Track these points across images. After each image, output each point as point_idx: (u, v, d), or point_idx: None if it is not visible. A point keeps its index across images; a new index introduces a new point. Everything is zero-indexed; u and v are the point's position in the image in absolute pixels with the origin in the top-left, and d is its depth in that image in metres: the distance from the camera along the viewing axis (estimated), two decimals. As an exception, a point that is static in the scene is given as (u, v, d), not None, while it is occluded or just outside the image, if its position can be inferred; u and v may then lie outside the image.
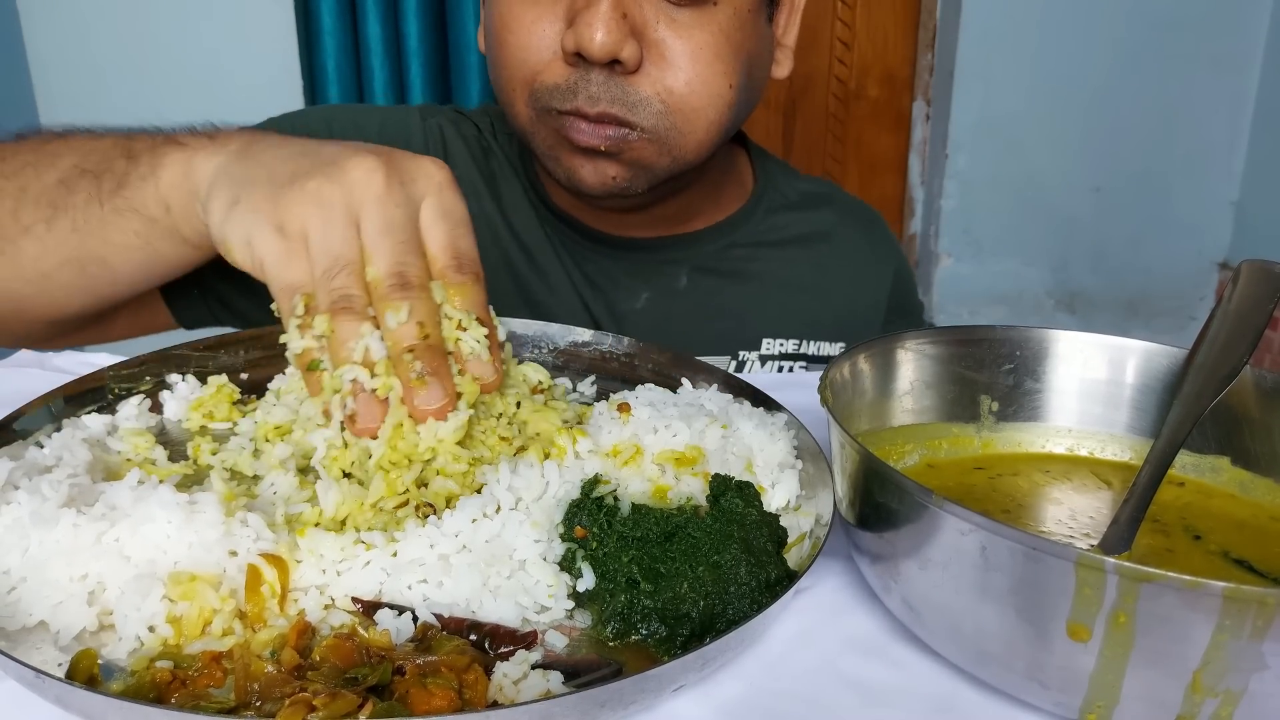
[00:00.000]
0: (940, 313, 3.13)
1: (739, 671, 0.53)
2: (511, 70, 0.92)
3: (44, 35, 2.48)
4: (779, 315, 1.11)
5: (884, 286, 1.18)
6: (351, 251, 0.62)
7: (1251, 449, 0.66)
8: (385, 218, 0.63)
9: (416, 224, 0.65)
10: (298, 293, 0.62)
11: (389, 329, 0.61)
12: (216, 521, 0.53)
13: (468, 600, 0.54)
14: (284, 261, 0.63)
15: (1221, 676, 0.43)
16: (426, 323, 0.61)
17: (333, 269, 0.61)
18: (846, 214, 1.20)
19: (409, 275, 0.62)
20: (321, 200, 0.62)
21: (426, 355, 0.60)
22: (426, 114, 1.11)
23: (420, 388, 0.60)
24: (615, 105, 0.88)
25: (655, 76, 0.88)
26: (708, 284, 1.09)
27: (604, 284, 1.07)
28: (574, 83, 0.88)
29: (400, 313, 0.60)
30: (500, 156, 1.09)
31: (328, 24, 2.52)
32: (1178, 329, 3.18)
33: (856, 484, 0.57)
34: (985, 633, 0.49)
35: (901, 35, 3.03)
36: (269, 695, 0.46)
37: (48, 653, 0.49)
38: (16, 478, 0.57)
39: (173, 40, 2.52)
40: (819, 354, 1.12)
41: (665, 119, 0.90)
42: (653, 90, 0.89)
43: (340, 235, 0.62)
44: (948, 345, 0.72)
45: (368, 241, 0.62)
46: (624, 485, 0.61)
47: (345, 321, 0.61)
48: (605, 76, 0.87)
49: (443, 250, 0.65)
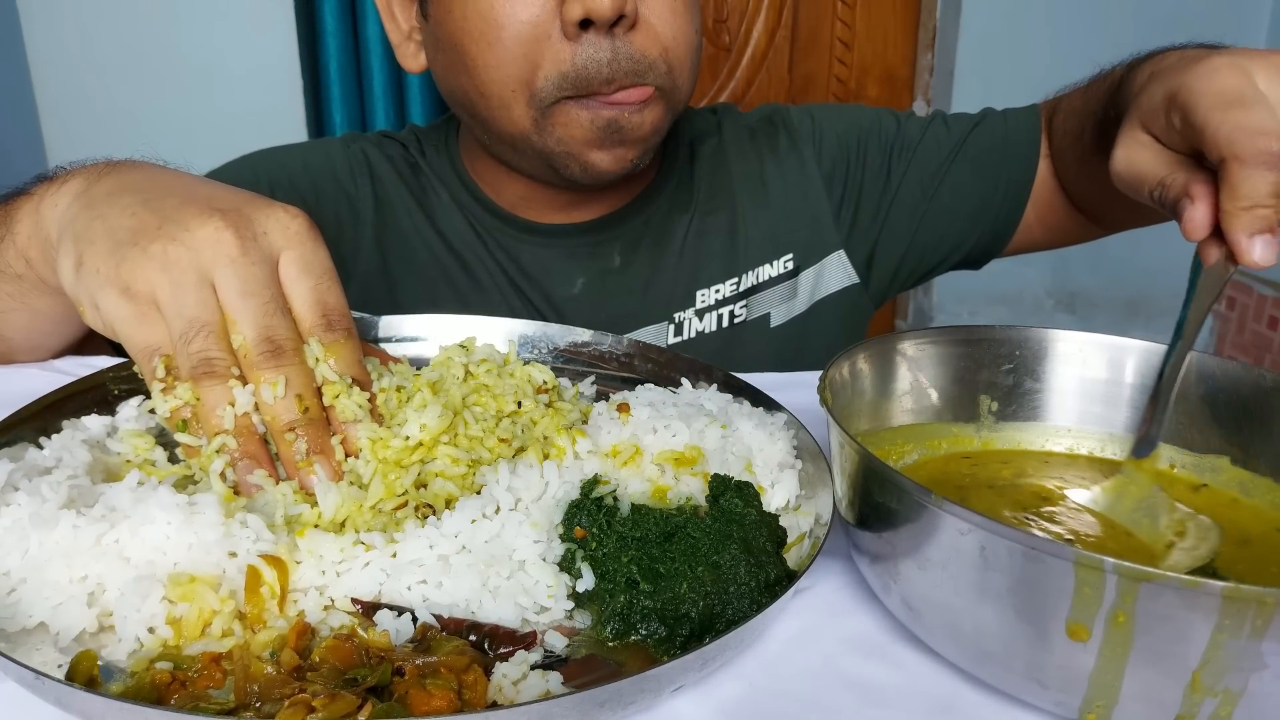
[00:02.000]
0: (940, 313, 3.13)
1: (738, 671, 0.53)
2: (507, 70, 0.88)
3: (44, 35, 2.48)
4: (707, 263, 1.09)
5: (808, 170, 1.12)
6: (207, 313, 0.60)
7: (1251, 448, 0.66)
8: (242, 279, 0.60)
9: (277, 280, 0.62)
10: (155, 354, 0.60)
11: (266, 403, 0.60)
12: (216, 523, 0.53)
13: (467, 601, 0.54)
14: (135, 325, 0.60)
15: (1221, 676, 0.43)
16: (304, 394, 0.60)
17: (188, 333, 0.59)
18: (735, 130, 1.16)
19: (279, 340, 0.60)
20: (168, 263, 0.60)
21: (309, 432, 0.60)
22: (349, 141, 1.12)
23: (307, 469, 0.60)
24: (628, 75, 0.87)
25: (652, 33, 0.89)
26: (639, 257, 1.08)
27: (539, 275, 1.07)
28: (583, 63, 0.86)
29: (277, 386, 0.59)
30: (428, 172, 1.10)
31: (328, 24, 2.52)
32: (1178, 329, 3.18)
33: (856, 484, 0.57)
34: (985, 632, 0.49)
35: (901, 35, 3.03)
36: (268, 696, 0.46)
37: (47, 654, 0.49)
38: (16, 479, 0.57)
39: (173, 40, 2.52)
40: (760, 281, 1.09)
41: (667, 76, 0.90)
42: (654, 47, 0.89)
43: (194, 299, 0.59)
44: (948, 345, 0.72)
45: (228, 306, 0.60)
46: (623, 485, 0.61)
47: (209, 388, 0.59)
48: (610, 44, 0.86)
49: (310, 308, 0.63)
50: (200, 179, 0.70)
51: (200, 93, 2.55)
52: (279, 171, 1.07)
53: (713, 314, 1.09)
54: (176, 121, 2.49)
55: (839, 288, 1.13)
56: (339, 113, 2.59)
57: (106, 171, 0.69)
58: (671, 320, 1.08)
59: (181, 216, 0.61)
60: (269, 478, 0.60)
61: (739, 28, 2.91)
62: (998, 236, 1.13)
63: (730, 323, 1.09)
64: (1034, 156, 1.09)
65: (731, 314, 1.09)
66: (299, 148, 1.14)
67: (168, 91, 2.54)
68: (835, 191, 1.13)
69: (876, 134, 1.14)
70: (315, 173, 1.08)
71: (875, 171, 1.13)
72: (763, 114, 1.19)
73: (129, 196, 0.65)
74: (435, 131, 1.14)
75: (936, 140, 1.12)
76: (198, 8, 2.51)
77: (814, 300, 1.12)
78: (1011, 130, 1.10)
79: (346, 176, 1.08)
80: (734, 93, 2.96)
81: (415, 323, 0.85)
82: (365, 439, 0.61)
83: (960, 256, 1.16)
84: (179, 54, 2.53)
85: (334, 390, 0.62)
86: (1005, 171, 1.09)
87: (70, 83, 2.51)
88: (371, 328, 0.84)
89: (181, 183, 0.67)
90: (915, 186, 1.12)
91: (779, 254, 1.10)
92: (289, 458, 0.60)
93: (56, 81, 2.52)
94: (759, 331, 1.10)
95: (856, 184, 1.13)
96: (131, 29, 2.50)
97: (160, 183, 0.67)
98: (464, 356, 0.75)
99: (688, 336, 1.08)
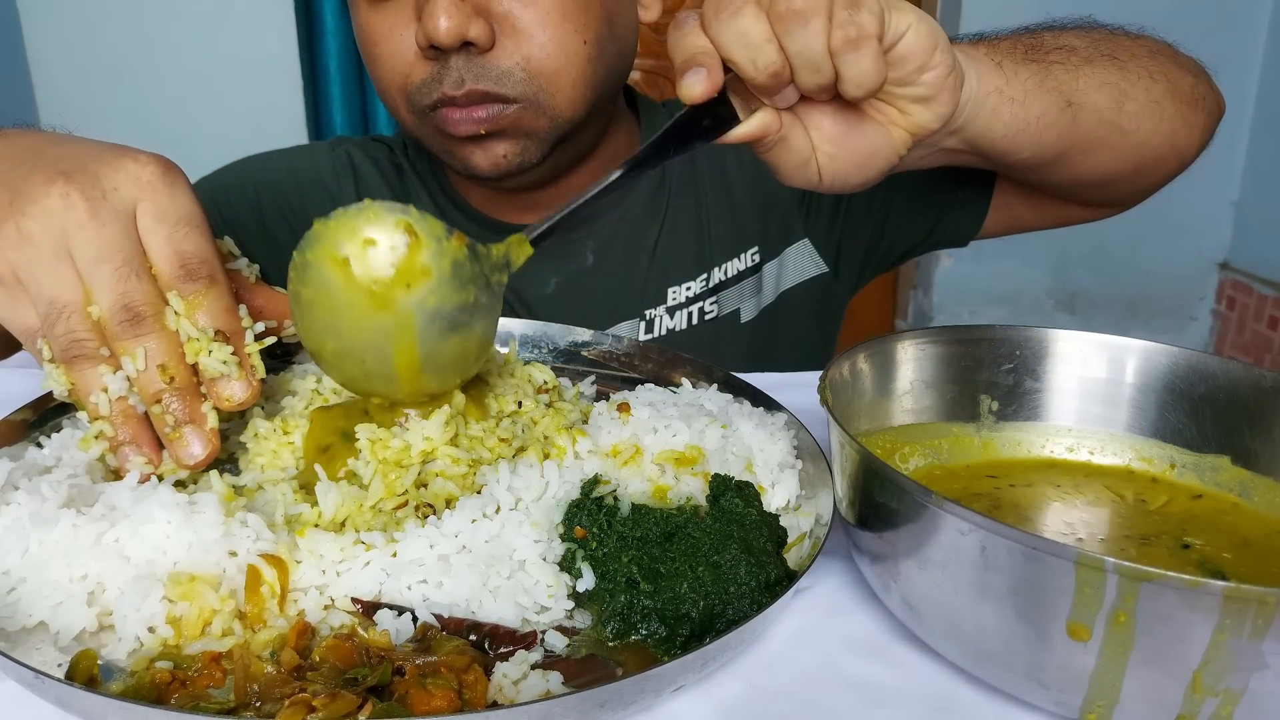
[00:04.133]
0: (940, 313, 3.13)
1: (738, 671, 0.53)
2: (386, 81, 0.94)
3: (44, 35, 2.48)
4: (678, 260, 1.09)
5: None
6: (67, 291, 0.58)
7: (1251, 448, 0.66)
8: (95, 243, 0.58)
9: (134, 236, 0.59)
10: (37, 336, 0.59)
11: (132, 377, 0.59)
12: (216, 522, 0.53)
13: (467, 601, 0.54)
14: (9, 308, 0.59)
15: (1222, 676, 0.43)
16: (168, 361, 0.59)
17: (52, 315, 0.58)
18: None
19: (135, 306, 0.58)
20: (22, 240, 0.58)
21: (177, 402, 0.59)
22: (336, 145, 1.14)
23: (179, 441, 0.59)
24: (481, 82, 0.89)
25: (511, 48, 0.90)
26: (612, 255, 1.09)
27: (513, 275, 1.07)
28: (437, 73, 0.90)
29: (138, 359, 0.58)
30: (411, 173, 1.12)
31: (328, 24, 2.52)
32: (1177, 329, 3.19)
33: (856, 484, 0.57)
34: (985, 632, 0.49)
35: (901, 35, 3.02)
36: (268, 696, 0.46)
37: (47, 653, 0.49)
38: (16, 478, 0.57)
39: (173, 40, 2.52)
40: (728, 277, 1.10)
41: (530, 85, 0.91)
42: (511, 61, 0.90)
43: (51, 275, 0.58)
44: (948, 345, 0.72)
45: (84, 274, 0.58)
46: (624, 485, 0.61)
47: (81, 371, 0.58)
48: (464, 60, 0.89)
49: (167, 259, 0.60)
50: (57, 138, 0.66)
51: (200, 93, 2.55)
52: (265, 175, 1.10)
53: (683, 311, 1.09)
54: (176, 121, 2.50)
55: (805, 278, 1.13)
56: (339, 113, 2.59)
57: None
58: (643, 318, 1.09)
59: (28, 188, 0.59)
60: (147, 463, 0.59)
61: (739, 28, 2.91)
62: (969, 215, 1.12)
63: (701, 319, 1.10)
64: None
65: (702, 310, 1.10)
66: (286, 152, 1.16)
67: (168, 91, 2.54)
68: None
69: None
70: (300, 176, 1.10)
71: None
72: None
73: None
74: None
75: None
76: (197, 8, 2.51)
77: (780, 291, 1.12)
78: None
79: (331, 179, 1.11)
80: (734, 93, 2.96)
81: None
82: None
83: (934, 239, 1.15)
84: (179, 54, 2.54)
85: (195, 348, 0.59)
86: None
87: (70, 83, 2.51)
88: None
89: (35, 146, 0.64)
90: None
91: (745, 247, 1.11)
92: (161, 432, 0.59)
93: (56, 81, 2.52)
94: (729, 328, 1.10)
95: None
96: (131, 29, 2.50)
97: (16, 151, 0.63)
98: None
99: (658, 334, 1.09)
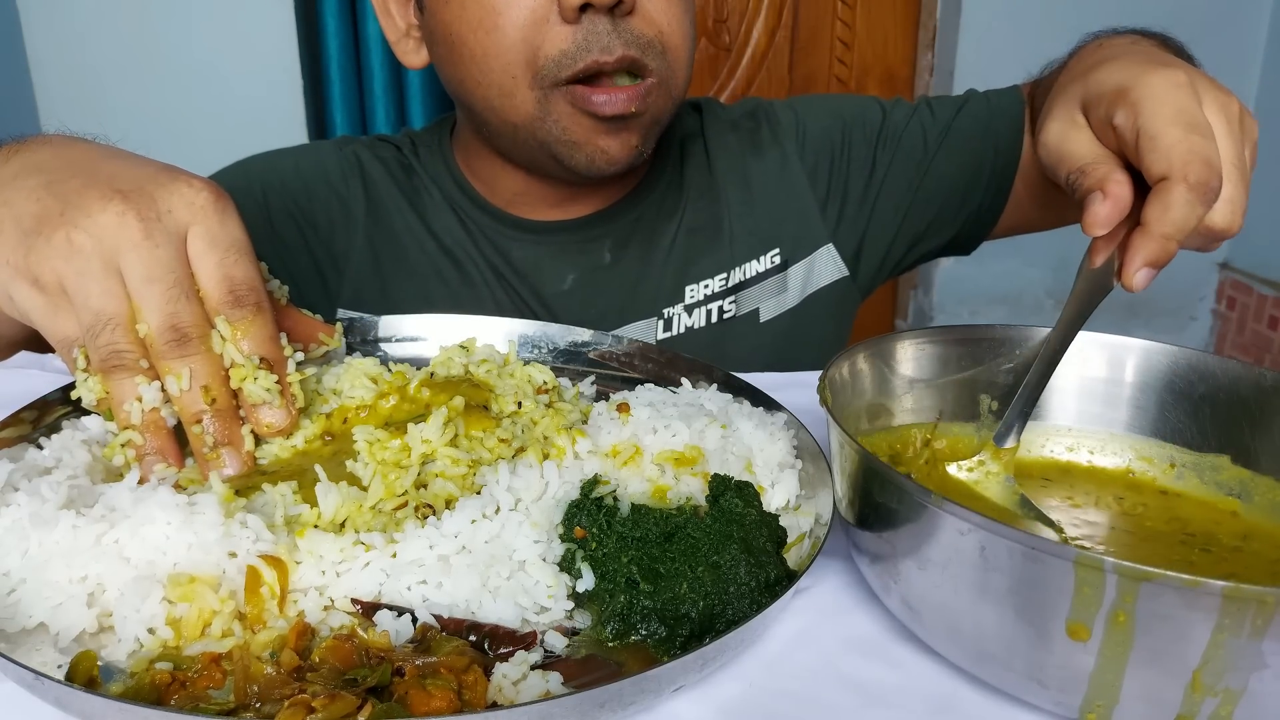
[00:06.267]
0: (940, 313, 3.13)
1: (738, 672, 0.53)
2: (508, 56, 0.89)
3: (44, 35, 2.48)
4: (696, 259, 1.09)
5: (790, 165, 1.13)
6: (113, 305, 0.59)
7: (1251, 448, 0.66)
8: (146, 264, 0.59)
9: (184, 259, 0.61)
10: (73, 345, 0.60)
11: (174, 395, 0.60)
12: (216, 523, 0.53)
13: (467, 601, 0.54)
14: (49, 316, 0.60)
15: (1221, 675, 0.43)
16: (211, 383, 0.60)
17: (96, 326, 0.59)
18: (717, 124, 1.16)
19: (183, 327, 0.59)
20: (72, 253, 0.58)
21: (217, 424, 0.60)
22: (342, 144, 1.13)
23: (215, 461, 0.60)
24: (630, 48, 0.88)
25: (648, 16, 0.89)
26: (630, 253, 1.09)
27: (529, 272, 1.07)
28: (583, 40, 0.87)
29: (182, 379, 0.59)
30: (421, 172, 1.11)
31: (328, 24, 2.52)
32: (1178, 329, 3.18)
33: (856, 484, 0.57)
34: (985, 632, 0.49)
35: (901, 35, 3.03)
36: (268, 697, 0.46)
37: (47, 654, 0.49)
38: (16, 479, 0.57)
39: (173, 41, 2.52)
40: (748, 277, 1.10)
41: (664, 60, 0.91)
42: (651, 30, 0.89)
43: (99, 289, 0.58)
44: (948, 345, 0.72)
45: (134, 292, 0.59)
46: (623, 485, 0.61)
47: (117, 381, 0.59)
48: (610, 24, 0.87)
49: (216, 285, 0.61)
50: (108, 152, 0.67)
51: (200, 93, 2.55)
52: (271, 175, 1.09)
53: (701, 309, 1.09)
54: (176, 121, 2.49)
55: (829, 281, 1.14)
56: (339, 113, 2.59)
57: (14, 152, 0.67)
58: (660, 316, 1.08)
59: (83, 201, 0.59)
60: (169, 469, 0.60)
61: (739, 27, 2.92)
62: (985, 218, 1.13)
63: (719, 318, 1.09)
64: (1017, 137, 1.08)
65: (720, 309, 1.10)
66: (292, 151, 1.15)
67: (168, 91, 2.54)
68: (820, 185, 1.13)
69: (861, 125, 1.14)
70: (307, 175, 1.09)
71: (860, 163, 1.13)
72: (745, 108, 1.19)
73: (34, 179, 0.63)
74: (429, 133, 1.15)
75: (922, 127, 1.12)
76: (198, 8, 2.51)
77: (805, 294, 1.13)
78: (995, 111, 1.10)
79: (338, 178, 1.09)
80: (734, 93, 2.96)
81: (415, 323, 0.85)
82: (277, 420, 0.62)
83: (947, 241, 1.16)
84: (179, 54, 2.53)
85: (240, 374, 0.62)
86: (989, 153, 1.09)
87: (70, 83, 2.51)
88: (371, 327, 0.84)
89: (88, 160, 0.64)
90: (901, 176, 1.12)
91: (765, 249, 1.11)
92: (198, 450, 0.61)
93: (56, 81, 2.52)
94: (749, 326, 1.10)
95: (842, 177, 1.13)
96: (131, 29, 2.50)
97: (66, 161, 0.64)
98: (464, 357, 0.75)
99: (677, 332, 1.09)
